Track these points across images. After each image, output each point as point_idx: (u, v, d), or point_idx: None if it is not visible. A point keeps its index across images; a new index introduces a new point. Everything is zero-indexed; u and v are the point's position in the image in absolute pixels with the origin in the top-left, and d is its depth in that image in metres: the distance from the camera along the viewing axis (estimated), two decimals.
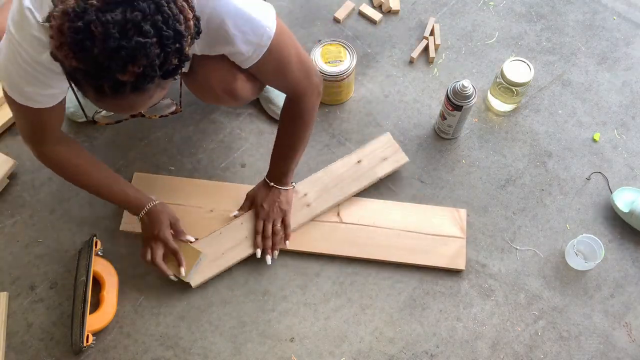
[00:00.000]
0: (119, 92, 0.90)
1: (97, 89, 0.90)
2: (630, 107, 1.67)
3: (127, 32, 0.84)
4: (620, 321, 1.42)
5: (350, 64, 1.57)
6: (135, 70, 0.87)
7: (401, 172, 1.58)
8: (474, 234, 1.51)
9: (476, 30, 1.79)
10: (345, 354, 1.39)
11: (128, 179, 1.56)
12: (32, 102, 1.13)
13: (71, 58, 0.86)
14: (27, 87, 1.10)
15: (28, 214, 1.54)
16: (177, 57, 0.91)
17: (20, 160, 1.59)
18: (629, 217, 1.49)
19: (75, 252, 1.48)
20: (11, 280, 1.46)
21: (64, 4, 0.84)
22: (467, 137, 1.64)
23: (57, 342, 1.40)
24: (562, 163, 1.60)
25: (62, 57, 0.87)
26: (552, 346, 1.40)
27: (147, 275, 1.47)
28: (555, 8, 1.82)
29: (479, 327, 1.42)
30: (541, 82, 1.71)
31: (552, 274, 1.47)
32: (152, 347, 1.40)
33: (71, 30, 0.84)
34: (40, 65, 1.05)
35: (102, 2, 0.83)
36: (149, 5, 0.85)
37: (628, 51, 1.75)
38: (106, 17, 0.83)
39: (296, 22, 1.78)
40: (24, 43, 1.02)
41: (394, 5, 1.80)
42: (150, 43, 0.86)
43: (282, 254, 1.48)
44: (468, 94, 1.48)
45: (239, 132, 1.64)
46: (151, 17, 0.85)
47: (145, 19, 0.85)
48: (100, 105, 0.97)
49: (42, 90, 1.12)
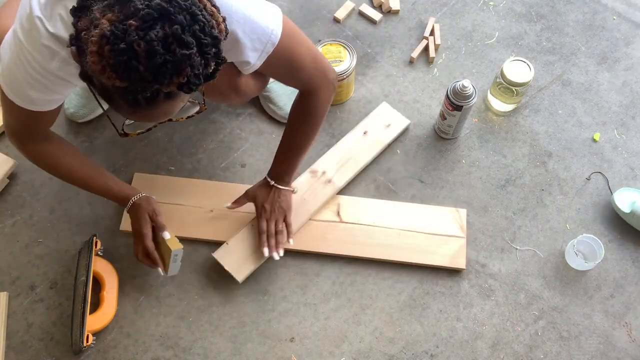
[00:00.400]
0: (153, 102, 0.92)
1: (131, 103, 0.92)
2: (630, 107, 1.67)
3: (170, 46, 0.86)
4: (620, 321, 1.42)
5: (350, 64, 1.57)
6: (180, 80, 0.89)
7: (401, 172, 1.58)
8: (474, 234, 1.51)
9: (476, 30, 1.79)
10: (345, 354, 1.39)
11: (128, 179, 1.56)
12: (32, 105, 1.13)
13: (114, 79, 0.87)
14: (33, 93, 1.10)
15: (28, 214, 1.54)
16: (215, 61, 0.93)
17: (20, 160, 1.59)
18: (630, 218, 1.49)
19: (75, 252, 1.48)
20: (11, 280, 1.46)
21: (99, 29, 0.85)
22: (467, 137, 1.64)
23: (57, 342, 1.40)
24: (562, 163, 1.60)
25: (103, 79, 0.88)
26: (552, 346, 1.40)
27: (147, 275, 1.47)
28: (555, 8, 1.82)
29: (479, 327, 1.42)
30: (541, 82, 1.71)
31: (552, 274, 1.47)
32: (152, 347, 1.40)
33: (114, 53, 0.85)
34: (49, 73, 1.05)
35: (141, 21, 0.85)
36: (185, 16, 0.87)
37: (628, 51, 1.75)
38: (149, 35, 0.84)
39: (296, 22, 1.76)
40: (33, 52, 1.02)
41: (394, 5, 1.80)
42: (193, 53, 0.88)
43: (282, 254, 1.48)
44: (468, 94, 1.48)
45: (239, 132, 1.64)
46: (189, 27, 0.87)
47: (184, 30, 0.87)
48: (131, 117, 0.99)
49: (47, 96, 1.12)
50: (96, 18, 0.87)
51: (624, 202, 1.50)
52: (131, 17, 0.85)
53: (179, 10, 0.86)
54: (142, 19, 0.84)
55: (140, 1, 0.85)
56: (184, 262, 1.47)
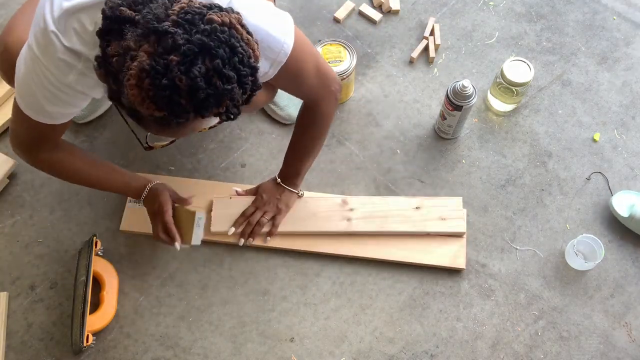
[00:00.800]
0: (184, 123, 0.92)
1: (162, 124, 0.93)
2: (630, 107, 1.67)
3: (212, 80, 0.87)
4: (620, 321, 1.42)
5: (350, 64, 1.57)
6: (220, 110, 0.91)
7: (401, 172, 1.58)
8: (474, 234, 1.51)
9: (476, 30, 1.79)
10: (345, 354, 1.39)
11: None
12: (48, 119, 1.13)
13: (154, 110, 0.88)
14: (50, 107, 1.10)
15: (28, 214, 1.54)
16: (251, 87, 0.93)
17: (20, 160, 1.59)
18: (629, 222, 1.48)
19: (75, 252, 1.48)
20: (11, 280, 1.46)
21: (138, 62, 0.85)
22: (467, 137, 1.64)
23: (57, 342, 1.40)
24: (562, 163, 1.60)
25: (142, 109, 0.89)
26: (552, 346, 1.40)
27: (147, 275, 1.47)
28: (555, 8, 1.82)
29: (479, 327, 1.42)
30: (541, 82, 1.71)
31: (552, 274, 1.47)
32: (152, 347, 1.40)
33: (156, 88, 0.85)
34: (66, 87, 1.05)
35: (182, 57, 0.85)
36: (224, 49, 0.87)
37: (628, 51, 1.75)
38: (192, 72, 0.85)
39: (296, 22, 1.76)
40: (50, 66, 1.02)
41: (394, 5, 1.80)
42: (234, 86, 0.89)
43: (282, 254, 1.49)
44: (468, 94, 1.48)
45: (239, 132, 1.64)
46: (229, 60, 0.88)
47: (225, 64, 0.87)
48: (158, 134, 0.99)
49: (65, 109, 1.13)
50: (131, 48, 0.87)
51: (622, 206, 1.49)
52: (172, 52, 0.85)
53: (219, 44, 0.86)
54: (184, 55, 0.85)
55: (180, 35, 0.85)
56: (185, 261, 1.48)
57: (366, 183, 1.57)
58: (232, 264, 1.48)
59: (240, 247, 1.48)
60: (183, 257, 1.48)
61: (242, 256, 1.49)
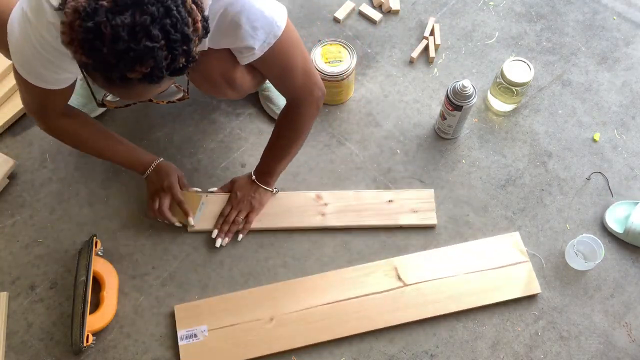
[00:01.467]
0: (126, 82, 0.92)
1: (106, 79, 0.92)
2: (630, 107, 1.67)
3: (136, 35, 0.86)
4: (620, 321, 1.42)
5: (350, 64, 1.57)
6: (143, 70, 0.89)
7: (401, 172, 1.58)
8: (474, 234, 1.51)
9: (476, 30, 1.79)
10: (345, 354, 1.39)
11: (128, 179, 1.56)
12: (44, 83, 1.15)
13: (80, 54, 0.88)
14: (42, 70, 1.12)
15: (28, 214, 1.54)
16: (184, 58, 0.92)
17: (20, 160, 1.59)
18: (625, 237, 1.48)
19: (75, 252, 1.48)
20: (11, 280, 1.46)
21: (76, 1, 0.86)
22: (467, 137, 1.64)
23: (57, 342, 1.40)
24: (562, 163, 1.60)
25: (71, 52, 0.89)
26: (552, 346, 1.40)
27: (147, 275, 1.47)
28: (555, 8, 1.82)
29: (479, 327, 1.42)
30: (541, 82, 1.71)
31: (552, 274, 1.47)
32: (152, 347, 1.40)
33: (82, 29, 0.85)
34: (56, 51, 1.06)
35: (112, 3, 0.84)
36: (158, 8, 0.86)
37: (628, 51, 1.75)
38: (116, 20, 0.84)
39: (296, 22, 1.78)
40: (40, 28, 1.03)
41: (394, 5, 1.80)
42: (158, 47, 0.87)
43: (282, 254, 1.48)
44: (468, 94, 1.48)
45: (239, 132, 1.64)
46: (160, 20, 0.87)
47: (154, 22, 0.86)
48: (109, 91, 0.99)
49: (57, 74, 1.14)
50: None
51: (616, 223, 1.49)
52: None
53: (153, 1, 0.86)
54: (115, 2, 0.84)
55: None
56: (185, 261, 1.48)
57: (366, 183, 1.57)
58: (232, 264, 1.48)
59: (240, 248, 1.49)
60: (183, 257, 1.48)
61: (242, 256, 1.49)
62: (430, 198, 1.53)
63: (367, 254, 1.48)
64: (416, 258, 1.46)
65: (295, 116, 1.36)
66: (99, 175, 1.58)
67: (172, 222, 1.47)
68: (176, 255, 1.49)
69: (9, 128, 1.63)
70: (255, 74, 1.33)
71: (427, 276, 1.43)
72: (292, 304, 1.41)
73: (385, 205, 1.51)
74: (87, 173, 1.58)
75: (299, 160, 1.58)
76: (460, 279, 1.43)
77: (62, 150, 1.60)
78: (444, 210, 1.54)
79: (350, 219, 1.50)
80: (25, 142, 1.62)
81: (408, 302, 1.41)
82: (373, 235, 1.50)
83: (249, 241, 1.50)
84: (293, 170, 1.57)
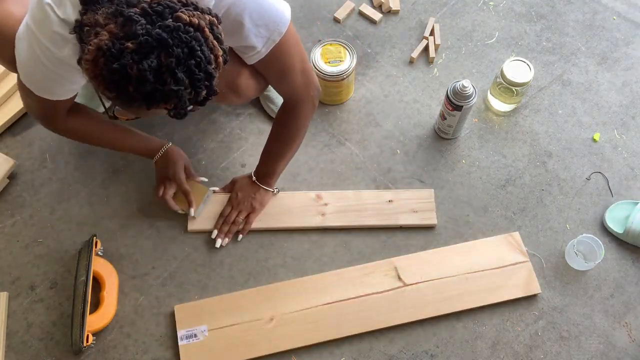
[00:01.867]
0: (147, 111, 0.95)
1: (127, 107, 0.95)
2: (630, 107, 1.67)
3: (162, 77, 0.88)
4: (620, 321, 1.42)
5: (350, 64, 1.57)
6: (168, 107, 0.93)
7: (401, 172, 1.58)
8: (474, 234, 1.51)
9: (476, 30, 1.79)
10: (345, 354, 1.39)
11: (128, 179, 1.56)
12: (49, 95, 1.16)
13: (104, 89, 0.90)
14: (48, 84, 1.12)
15: (28, 214, 1.54)
16: (206, 92, 0.95)
17: (20, 160, 1.59)
18: (625, 237, 1.48)
19: (75, 252, 1.48)
20: (11, 280, 1.46)
21: (99, 39, 0.86)
22: (467, 137, 1.64)
23: (57, 342, 1.40)
24: (562, 163, 1.60)
25: (95, 85, 0.90)
26: (552, 346, 1.40)
27: (147, 275, 1.47)
28: (555, 8, 1.82)
29: (479, 327, 1.42)
30: (541, 82, 1.71)
31: (552, 274, 1.47)
32: (152, 347, 1.40)
33: (107, 69, 0.87)
34: (62, 63, 1.06)
35: (138, 45, 0.85)
36: (183, 49, 0.88)
37: (628, 51, 1.75)
38: (143, 64, 0.85)
39: (296, 22, 1.78)
40: (45, 40, 1.03)
41: (394, 5, 1.80)
42: (182, 89, 0.90)
43: (282, 255, 1.48)
44: (468, 94, 1.48)
45: (239, 132, 1.64)
46: (185, 62, 0.88)
47: (179, 65, 0.88)
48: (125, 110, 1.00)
49: (64, 86, 1.15)
50: (99, 24, 0.88)
51: (616, 223, 1.49)
52: (130, 39, 0.85)
53: (178, 43, 0.87)
54: (140, 45, 0.85)
55: (142, 25, 0.86)
56: (185, 261, 1.48)
57: (366, 183, 1.57)
58: (232, 264, 1.48)
59: (240, 247, 1.49)
60: (183, 257, 1.48)
61: (242, 256, 1.49)
62: (430, 198, 1.53)
63: (367, 254, 1.48)
64: (416, 258, 1.46)
65: (294, 115, 1.37)
66: (99, 175, 1.58)
67: (174, 210, 1.48)
68: (176, 255, 1.49)
69: (9, 128, 1.63)
70: (259, 79, 1.33)
71: (427, 276, 1.43)
72: (292, 304, 1.40)
73: (385, 205, 1.52)
74: (87, 173, 1.58)
75: (299, 160, 1.58)
76: (460, 279, 1.43)
77: (62, 150, 1.60)
78: (444, 210, 1.54)
79: (350, 219, 1.50)
80: (25, 142, 1.62)
81: (408, 302, 1.41)
82: (373, 235, 1.50)
83: (249, 241, 1.50)
84: (293, 170, 1.57)
